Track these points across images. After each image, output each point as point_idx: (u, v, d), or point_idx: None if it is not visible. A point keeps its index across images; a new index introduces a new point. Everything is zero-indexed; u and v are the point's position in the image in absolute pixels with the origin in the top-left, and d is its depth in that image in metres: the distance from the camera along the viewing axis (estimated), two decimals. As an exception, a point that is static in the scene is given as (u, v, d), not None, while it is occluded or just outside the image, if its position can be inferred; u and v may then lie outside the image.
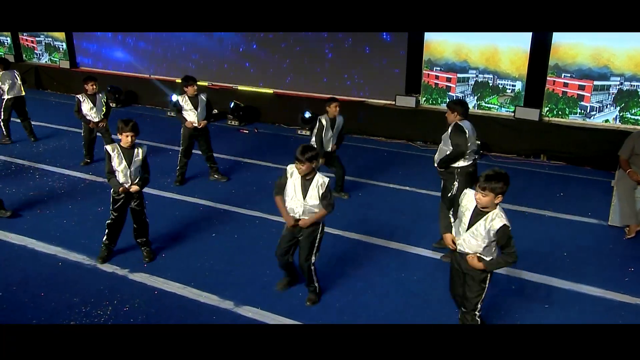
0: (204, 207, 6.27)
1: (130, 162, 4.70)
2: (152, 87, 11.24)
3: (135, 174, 4.77)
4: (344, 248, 5.31)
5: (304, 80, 10.00)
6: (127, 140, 4.64)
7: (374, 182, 7.16)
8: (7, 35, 13.19)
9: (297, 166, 3.99)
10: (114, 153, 4.67)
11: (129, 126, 4.61)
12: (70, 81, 12.26)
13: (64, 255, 5.05)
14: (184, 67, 11.02)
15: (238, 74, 10.53)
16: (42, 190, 6.63)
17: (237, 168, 7.55)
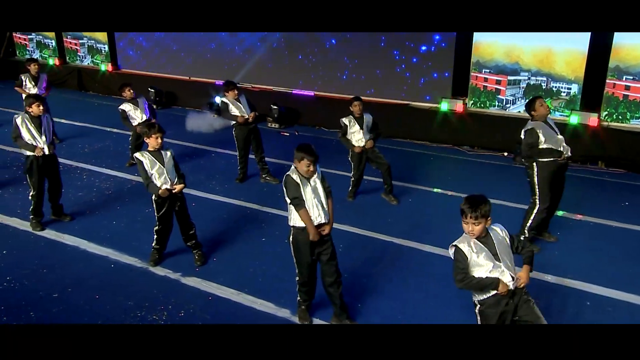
0: (251, 210, 6.16)
1: (163, 164, 4.63)
2: (191, 89, 11.27)
3: (173, 174, 4.69)
4: (398, 256, 5.11)
5: (345, 82, 9.83)
6: (158, 142, 4.59)
7: (422, 187, 6.92)
8: (51, 37, 13.49)
9: (306, 167, 3.73)
10: (144, 159, 4.61)
11: (156, 128, 4.58)
12: (111, 83, 12.42)
13: (116, 257, 5.01)
14: (223, 68, 11.02)
15: (278, 76, 10.44)
16: (90, 191, 6.65)
17: (281, 171, 7.39)
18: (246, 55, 10.81)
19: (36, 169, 5.38)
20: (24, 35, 14.07)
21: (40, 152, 5.33)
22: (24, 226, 5.60)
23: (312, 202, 3.76)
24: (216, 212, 6.03)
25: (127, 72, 12.39)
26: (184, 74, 11.58)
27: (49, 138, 5.43)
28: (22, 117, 5.28)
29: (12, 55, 14.31)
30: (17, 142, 5.33)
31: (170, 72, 11.78)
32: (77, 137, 8.92)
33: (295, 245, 3.85)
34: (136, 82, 11.83)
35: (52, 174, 5.58)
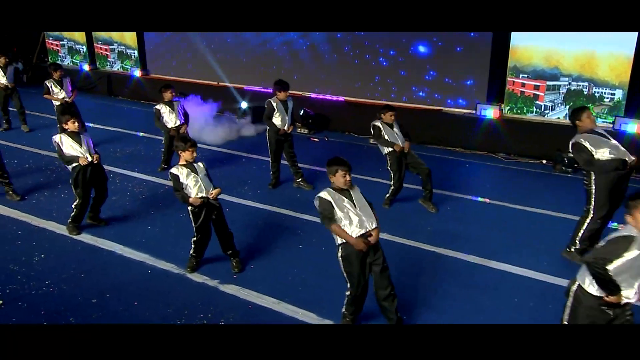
0: (286, 217, 6.05)
1: (197, 175, 4.60)
2: (220, 94, 11.26)
3: (207, 183, 4.64)
4: (440, 266, 4.93)
5: (375, 87, 9.70)
6: (192, 156, 4.59)
7: (460, 194, 6.73)
8: (82, 43, 13.70)
9: (342, 179, 3.66)
10: (180, 172, 4.56)
11: (190, 142, 4.59)
12: (140, 88, 12.53)
13: (153, 263, 4.95)
14: (253, 74, 11.01)
15: (307, 81, 10.36)
16: (124, 195, 6.64)
17: (313, 177, 7.30)
18: (275, 61, 10.77)
19: (82, 180, 5.36)
20: (56, 41, 14.33)
21: (85, 160, 5.30)
22: (60, 230, 5.60)
23: (354, 212, 3.64)
24: (250, 218, 5.94)
25: (156, 77, 12.49)
26: (212, 79, 11.59)
27: (91, 149, 5.43)
28: (60, 136, 5.30)
29: (44, 60, 14.58)
30: (62, 159, 5.35)
31: (198, 77, 11.81)
32: (109, 142, 8.96)
33: (346, 258, 3.71)
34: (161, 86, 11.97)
35: (99, 184, 5.57)
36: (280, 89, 6.62)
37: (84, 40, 13.60)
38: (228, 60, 11.42)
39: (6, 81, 9.26)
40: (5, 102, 9.39)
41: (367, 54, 9.64)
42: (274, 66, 10.79)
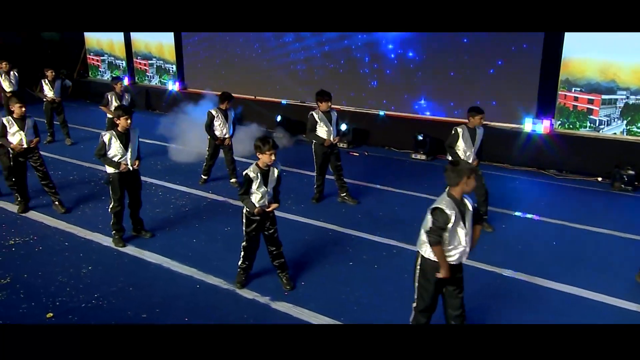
0: (333, 232, 5.87)
1: (267, 182, 4.41)
2: (256, 108, 11.26)
3: (271, 195, 4.47)
4: (507, 288, 4.64)
5: (416, 100, 9.50)
6: (271, 159, 4.33)
7: (514, 212, 6.42)
8: (122, 58, 14.00)
9: (466, 187, 3.35)
10: (256, 175, 4.37)
11: (271, 143, 4.30)
12: (177, 102, 12.65)
13: (201, 277, 4.82)
14: (289, 87, 10.99)
15: (346, 95, 10.26)
16: (167, 208, 6.58)
17: (356, 192, 7.11)
18: (312, 74, 10.73)
19: (118, 184, 5.33)
20: (96, 56, 14.70)
21: (125, 168, 5.28)
22: (106, 242, 5.55)
23: (464, 231, 3.39)
24: (296, 233, 5.77)
25: (193, 91, 12.61)
26: (250, 93, 11.63)
27: (134, 154, 5.39)
28: (110, 134, 5.27)
29: (83, 76, 14.96)
30: (102, 159, 5.31)
31: (236, 91, 11.84)
32: (150, 155, 9.00)
33: (423, 272, 3.50)
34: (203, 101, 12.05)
35: (133, 189, 5.52)
36: (322, 99, 6.49)
37: (124, 55, 13.90)
38: (264, 73, 11.44)
39: (53, 95, 9.47)
40: (51, 115, 9.60)
41: (411, 63, 9.48)
42: (312, 79, 10.74)
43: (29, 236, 5.66)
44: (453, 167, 3.41)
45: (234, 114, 7.40)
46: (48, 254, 5.26)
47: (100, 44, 14.50)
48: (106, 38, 14.27)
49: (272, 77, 11.36)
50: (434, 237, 3.36)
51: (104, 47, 14.43)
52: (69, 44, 15.13)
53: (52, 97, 9.47)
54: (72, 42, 15.00)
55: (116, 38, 13.96)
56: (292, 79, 11.06)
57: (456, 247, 3.41)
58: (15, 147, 5.95)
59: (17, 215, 6.23)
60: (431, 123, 9.22)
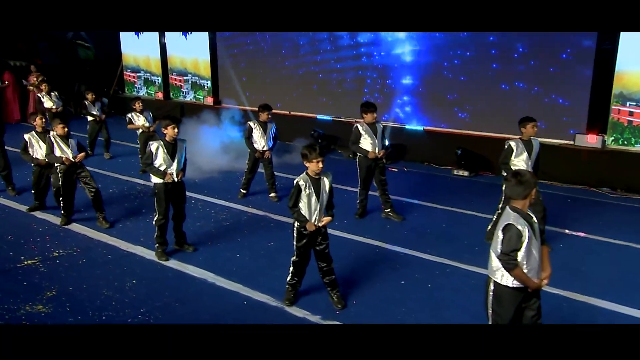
0: (380, 250, 5.66)
1: (318, 192, 4.25)
2: (291, 123, 11.20)
3: (322, 207, 4.29)
4: (575, 314, 4.33)
5: (456, 115, 9.27)
6: (319, 167, 4.19)
7: (572, 231, 6.09)
8: (157, 74, 14.24)
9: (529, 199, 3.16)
10: (306, 183, 4.23)
11: (318, 151, 4.17)
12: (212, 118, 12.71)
13: (247, 294, 4.66)
14: (324, 103, 10.92)
15: (385, 109, 10.10)
16: (208, 222, 6.49)
17: (399, 207, 6.88)
18: (349, 89, 10.64)
19: (163, 195, 5.26)
20: (133, 72, 15.00)
21: (169, 178, 5.22)
22: (149, 255, 5.47)
23: (537, 248, 3.17)
24: (342, 250, 5.57)
25: (228, 106, 12.66)
26: (284, 108, 11.60)
27: (180, 165, 5.34)
28: (158, 143, 5.23)
29: (119, 92, 15.26)
30: (148, 168, 5.26)
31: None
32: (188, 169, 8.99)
33: (498, 299, 3.24)
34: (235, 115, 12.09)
35: (178, 202, 5.44)
36: (367, 110, 6.32)
37: (160, 71, 14.13)
38: (299, 89, 11.41)
39: (97, 113, 9.70)
40: (96, 135, 9.81)
41: (447, 78, 9.28)
42: (347, 94, 10.64)
43: (72, 248, 5.63)
44: (519, 179, 3.19)
45: (274, 127, 7.32)
46: (92, 267, 5.20)
47: (136, 60, 14.80)
48: (143, 55, 14.55)
49: (308, 93, 11.32)
50: (510, 261, 3.10)
51: (140, 64, 14.71)
52: (105, 62, 15.49)
53: (97, 115, 9.73)
54: (109, 59, 15.36)
55: (153, 54, 14.22)
56: (328, 94, 10.98)
57: (533, 267, 3.17)
58: (65, 160, 5.97)
59: (60, 227, 6.23)
60: (473, 138, 8.97)
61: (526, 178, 3.18)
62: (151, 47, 14.19)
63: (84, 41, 15.82)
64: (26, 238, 5.89)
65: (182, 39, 13.33)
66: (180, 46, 13.46)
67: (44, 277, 4.97)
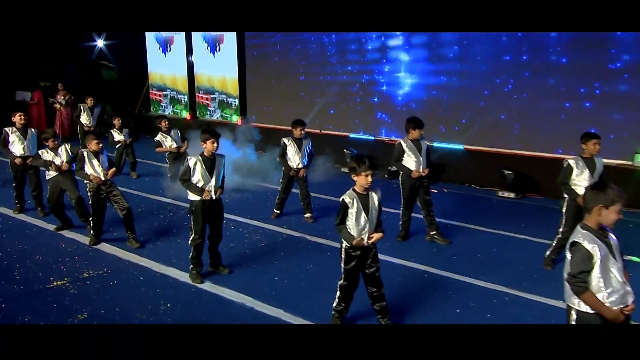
0: (429, 275, 5.43)
1: (367, 209, 4.09)
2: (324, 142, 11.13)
3: (372, 226, 4.13)
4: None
5: (501, 133, 9.03)
6: (368, 181, 4.04)
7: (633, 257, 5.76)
8: (184, 93, 14.44)
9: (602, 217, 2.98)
10: (352, 200, 4.08)
11: (367, 163, 4.03)
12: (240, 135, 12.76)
13: (289, 319, 4.50)
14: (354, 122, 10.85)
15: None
16: (242, 243, 6.38)
17: (443, 230, 6.64)
18: (384, 106, 10.55)
19: (201, 213, 5.18)
20: (159, 91, 15.27)
21: (207, 195, 5.15)
22: (183, 277, 5.36)
23: (617, 267, 2.97)
24: (387, 274, 5.26)
25: (257, 125, 12.71)
26: (316, 126, 11.56)
27: (218, 182, 5.27)
28: (196, 158, 5.18)
29: (143, 111, 15.51)
30: (185, 184, 5.20)
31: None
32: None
33: None
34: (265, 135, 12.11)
35: (215, 220, 5.35)
36: (414, 126, 6.17)
37: (187, 89, 14.34)
38: (331, 107, 11.38)
39: (123, 138, 9.85)
40: (122, 156, 9.92)
41: (491, 95, 9.10)
42: (384, 111, 10.55)
43: (102, 269, 5.57)
44: (596, 188, 3.03)
45: (310, 144, 7.24)
46: (123, 289, 5.11)
47: (163, 79, 15.07)
48: (169, 73, 14.81)
49: (340, 111, 11.27)
50: (578, 284, 2.92)
51: (167, 82, 14.97)
52: (130, 81, 15.82)
53: (124, 140, 9.91)
54: (134, 78, 15.69)
55: (179, 73, 14.47)
56: (362, 112, 10.91)
57: (615, 290, 2.93)
58: (93, 178, 5.98)
59: (88, 247, 6.20)
60: (519, 158, 8.70)
61: (603, 190, 3.00)
62: (178, 65, 14.44)
63: (108, 61, 16.25)
64: (55, 258, 5.87)
65: (210, 57, 13.53)
66: (208, 64, 13.65)
67: (74, 299, 4.90)
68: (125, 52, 15.64)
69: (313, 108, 11.66)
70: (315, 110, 11.64)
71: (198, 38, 13.71)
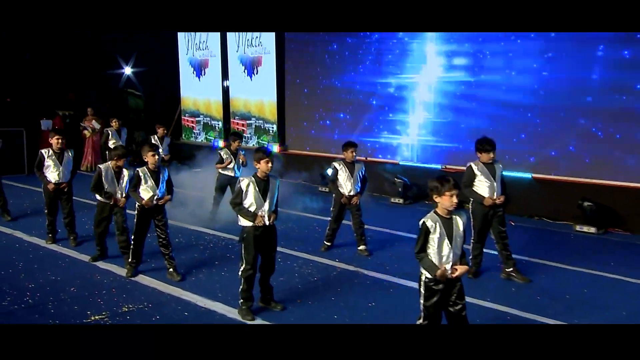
0: (512, 317, 5.06)
1: (451, 236, 3.86)
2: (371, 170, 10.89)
3: (457, 253, 3.88)
4: None
5: (576, 160, 8.61)
6: (453, 202, 3.83)
7: None
8: (218, 119, 14.56)
9: None
10: (435, 224, 3.83)
11: (452, 182, 3.85)
12: (277, 163, 12.67)
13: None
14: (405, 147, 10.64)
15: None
16: (292, 277, 6.14)
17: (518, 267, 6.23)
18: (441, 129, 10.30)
19: (253, 241, 4.98)
20: (191, 117, 15.46)
21: (260, 221, 4.96)
22: (231, 313, 5.12)
23: None
24: (464, 315, 5.01)
25: (295, 152, 12.65)
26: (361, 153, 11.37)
27: (272, 205, 5.08)
28: (250, 180, 5.02)
29: (177, 137, 15.69)
30: (237, 209, 5.04)
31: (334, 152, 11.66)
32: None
33: None
34: (304, 162, 12.01)
35: (268, 249, 5.15)
36: (483, 148, 5.89)
37: (221, 115, 14.46)
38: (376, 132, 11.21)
39: (163, 153, 9.89)
40: None
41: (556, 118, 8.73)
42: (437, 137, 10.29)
43: (142, 303, 5.39)
44: None
45: (363, 168, 7.04)
46: (167, 325, 4.90)
47: (196, 104, 15.28)
48: (203, 98, 15.02)
49: (386, 136, 11.08)
50: None
51: (200, 108, 15.15)
52: (161, 107, 16.09)
53: (163, 155, 9.94)
54: (165, 104, 15.96)
55: (214, 98, 14.64)
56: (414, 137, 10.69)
57: None
58: (146, 203, 5.89)
59: (126, 280, 6.05)
60: (598, 188, 8.22)
61: None
62: (213, 90, 14.64)
63: (135, 89, 16.63)
64: (90, 290, 5.73)
65: (247, 80, 13.66)
66: (245, 87, 13.76)
67: (113, 335, 4.70)
68: (155, 78, 15.97)
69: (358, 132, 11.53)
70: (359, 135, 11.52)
71: (234, 60, 13.90)
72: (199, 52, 14.97)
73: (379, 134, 11.18)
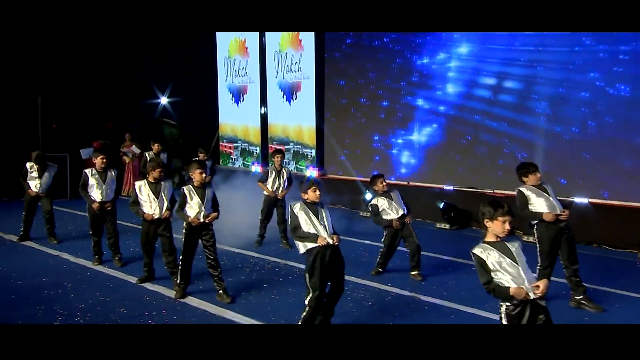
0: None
1: (509, 254, 3.69)
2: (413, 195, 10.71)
3: (526, 271, 3.70)
4: None
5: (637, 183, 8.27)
6: (505, 228, 3.71)
7: None
8: (256, 144, 14.65)
9: None
10: (486, 251, 3.69)
11: (506, 208, 3.72)
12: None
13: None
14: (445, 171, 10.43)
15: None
16: (345, 301, 5.83)
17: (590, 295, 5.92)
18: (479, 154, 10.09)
19: (320, 266, 4.83)
20: (229, 143, 15.60)
21: (323, 241, 4.83)
22: (287, 337, 4.94)
23: None
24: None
25: (334, 177, 12.57)
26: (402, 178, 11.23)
27: (330, 227, 4.96)
28: (300, 205, 4.96)
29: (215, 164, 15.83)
30: (295, 233, 4.96)
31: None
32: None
33: None
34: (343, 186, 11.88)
35: (336, 274, 5.02)
36: (527, 172, 5.74)
37: (259, 141, 14.54)
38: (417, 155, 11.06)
39: None
40: None
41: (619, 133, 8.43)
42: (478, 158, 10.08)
43: (194, 325, 5.28)
44: None
45: (398, 193, 6.95)
46: (221, 348, 4.76)
47: (234, 130, 15.44)
48: (241, 124, 15.17)
49: (429, 159, 10.91)
50: None
51: (238, 134, 15.30)
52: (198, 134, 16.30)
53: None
54: (202, 131, 16.17)
55: (252, 124, 14.77)
56: (454, 161, 10.49)
57: None
58: (193, 220, 5.85)
59: (174, 301, 5.96)
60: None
61: None
62: (251, 115, 14.78)
63: (170, 118, 16.90)
64: (140, 312, 5.66)
65: (285, 105, 13.74)
66: (283, 113, 13.84)
67: (167, 357, 4.58)
68: (191, 106, 16.18)
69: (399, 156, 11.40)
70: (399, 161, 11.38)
71: (273, 86, 14.04)
72: (238, 79, 15.21)
73: (423, 159, 11.02)
